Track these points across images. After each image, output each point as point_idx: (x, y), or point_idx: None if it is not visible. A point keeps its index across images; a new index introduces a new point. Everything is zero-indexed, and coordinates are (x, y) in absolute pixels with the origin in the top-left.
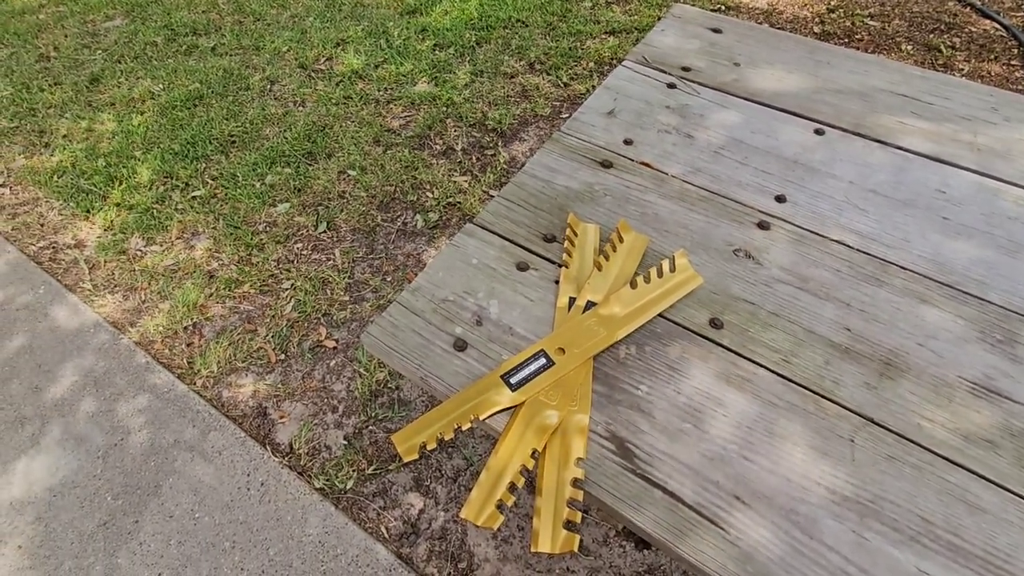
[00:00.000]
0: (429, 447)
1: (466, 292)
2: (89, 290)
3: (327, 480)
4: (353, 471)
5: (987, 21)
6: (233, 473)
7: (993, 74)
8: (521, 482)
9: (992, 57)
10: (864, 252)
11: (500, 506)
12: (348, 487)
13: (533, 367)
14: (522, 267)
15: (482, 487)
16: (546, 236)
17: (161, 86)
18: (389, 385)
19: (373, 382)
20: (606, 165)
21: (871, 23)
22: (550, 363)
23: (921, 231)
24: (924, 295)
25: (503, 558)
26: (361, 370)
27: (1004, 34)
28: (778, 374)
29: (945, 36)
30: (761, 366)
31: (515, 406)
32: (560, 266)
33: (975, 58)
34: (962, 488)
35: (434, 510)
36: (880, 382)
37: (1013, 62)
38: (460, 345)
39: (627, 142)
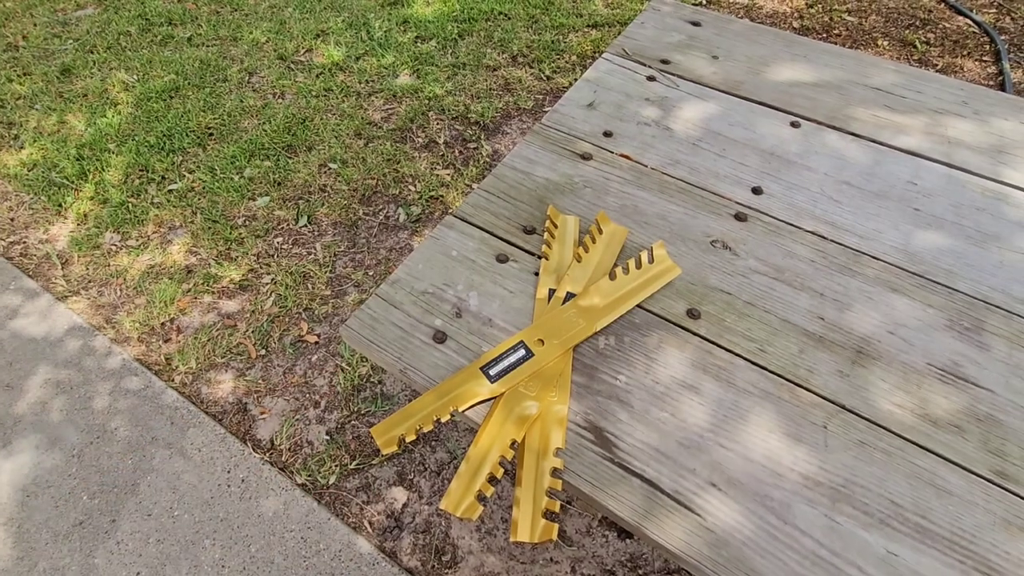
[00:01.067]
0: (408, 439)
1: (446, 284)
2: (62, 286)
3: (309, 475)
4: (336, 466)
5: (961, 18)
6: (213, 470)
7: (966, 69)
8: (500, 473)
9: (965, 53)
10: (837, 243)
11: (480, 497)
12: (331, 482)
13: (512, 358)
14: (502, 259)
15: (462, 478)
16: (526, 228)
17: (136, 77)
18: (372, 379)
19: (356, 376)
20: (586, 157)
21: (848, 18)
22: (529, 354)
23: (893, 222)
24: (895, 284)
25: (487, 550)
26: (343, 365)
27: (977, 30)
28: (753, 363)
29: (920, 32)
30: (737, 355)
31: (494, 397)
32: (540, 258)
33: (949, 54)
34: (930, 472)
35: (418, 504)
36: (852, 370)
37: (986, 58)
38: (439, 337)
39: (607, 134)
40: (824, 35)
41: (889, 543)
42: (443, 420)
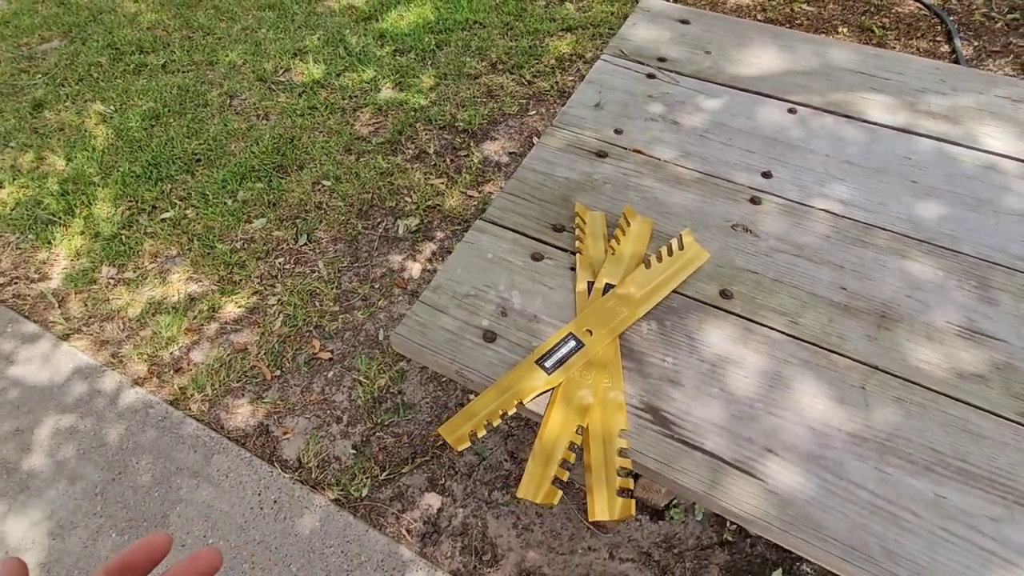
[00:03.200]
0: (479, 434)
1: (487, 286)
2: (62, 325)
3: (341, 490)
4: (367, 478)
5: (912, 2)
6: (243, 494)
7: (921, 50)
8: (572, 458)
9: (919, 35)
10: (848, 218)
11: (555, 482)
12: (364, 494)
13: (564, 350)
14: (537, 257)
15: (534, 467)
16: (555, 226)
17: (112, 108)
18: (392, 390)
19: (374, 389)
20: (601, 155)
21: (808, 8)
22: (580, 345)
23: (895, 195)
24: (905, 252)
25: (526, 545)
26: (361, 378)
27: (927, 13)
28: (788, 335)
29: (876, 17)
30: (772, 329)
31: (552, 388)
32: (573, 253)
33: (904, 36)
34: (963, 419)
35: (452, 507)
36: (879, 333)
37: (938, 38)
38: (489, 336)
39: (617, 132)
40: (787, 25)
41: (936, 487)
42: (509, 413)
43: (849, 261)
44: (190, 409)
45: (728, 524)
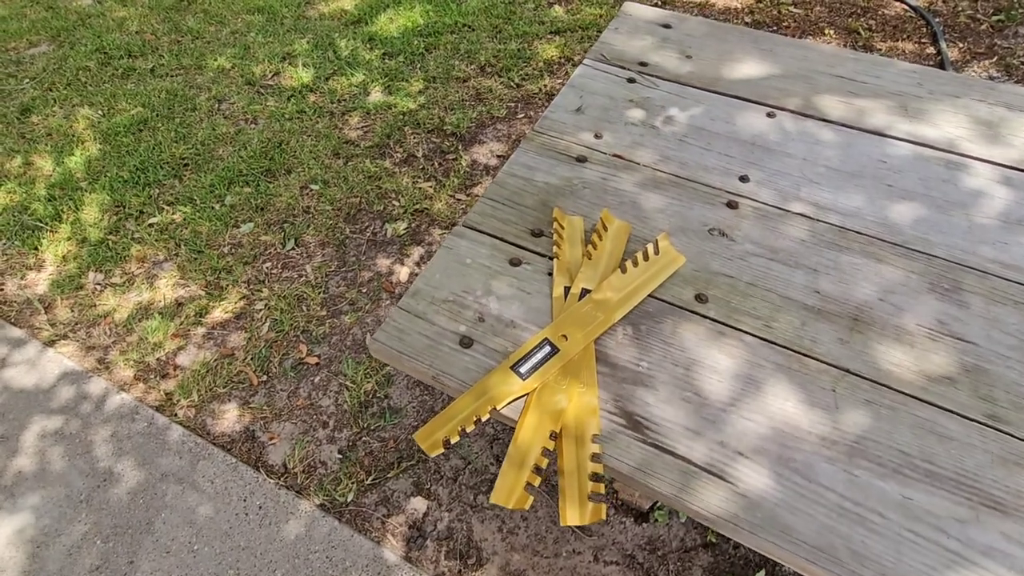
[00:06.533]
0: (453, 440)
1: (464, 291)
2: (48, 331)
3: (327, 495)
4: (352, 483)
5: (898, 3)
6: (228, 500)
7: (907, 52)
8: (545, 463)
9: (905, 36)
10: (823, 221)
11: (527, 487)
12: (349, 499)
13: (539, 355)
14: (515, 262)
15: (507, 472)
16: (533, 231)
17: (100, 112)
18: (378, 395)
19: (361, 393)
20: (581, 160)
21: (795, 11)
22: (555, 350)
23: (870, 198)
24: (879, 255)
25: (511, 548)
26: (347, 383)
27: (913, 15)
28: (761, 338)
29: (862, 19)
30: (746, 332)
31: (528, 393)
32: (551, 258)
33: (890, 38)
34: (931, 421)
35: (438, 511)
36: (851, 336)
37: (923, 40)
38: (466, 342)
39: (597, 136)
40: (774, 28)
41: (903, 489)
42: (484, 419)
43: (823, 264)
44: (176, 415)
45: None
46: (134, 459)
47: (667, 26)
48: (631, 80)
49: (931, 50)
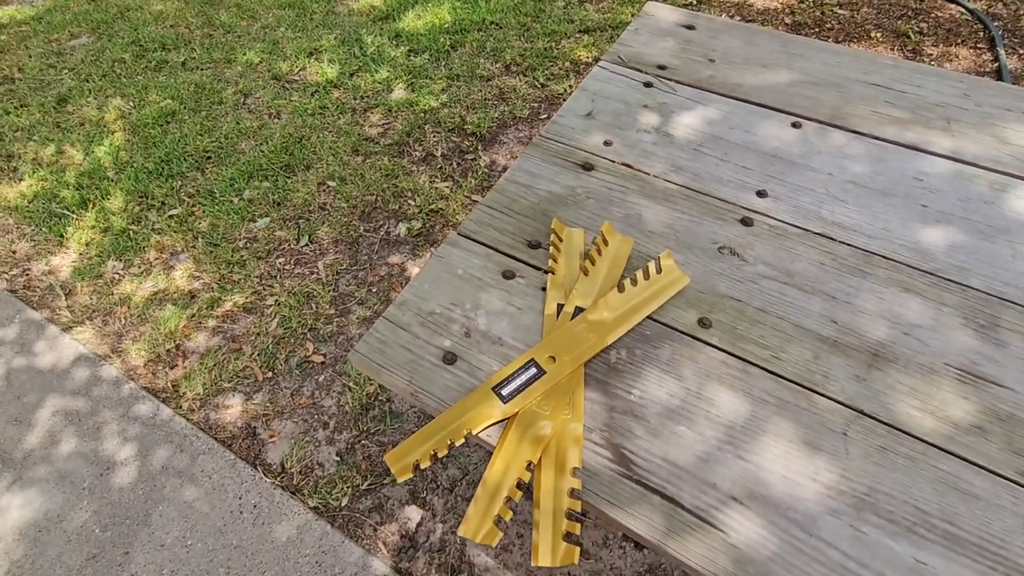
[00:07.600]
0: (423, 465)
1: (453, 304)
2: (67, 317)
3: (321, 498)
4: (347, 488)
5: (953, 5)
6: (224, 497)
7: (961, 57)
8: (518, 496)
9: (959, 41)
10: (847, 244)
11: (498, 521)
12: (343, 504)
13: (524, 377)
14: (508, 275)
15: (479, 503)
16: (531, 243)
17: (132, 104)
18: (380, 398)
19: (363, 396)
20: (587, 168)
21: (840, 12)
22: (541, 372)
23: (901, 220)
24: (907, 284)
25: (503, 566)
26: (351, 384)
27: (970, 18)
28: (768, 371)
29: (913, 22)
30: (751, 363)
31: (508, 418)
32: (546, 272)
33: (943, 42)
34: (955, 476)
35: (431, 522)
36: (869, 373)
37: (980, 45)
38: (449, 358)
39: (607, 143)
40: (817, 30)
41: (917, 551)
42: (457, 444)
43: (843, 292)
44: (181, 407)
45: None
46: (137, 449)
47: (690, 27)
48: (648, 84)
49: (988, 56)
